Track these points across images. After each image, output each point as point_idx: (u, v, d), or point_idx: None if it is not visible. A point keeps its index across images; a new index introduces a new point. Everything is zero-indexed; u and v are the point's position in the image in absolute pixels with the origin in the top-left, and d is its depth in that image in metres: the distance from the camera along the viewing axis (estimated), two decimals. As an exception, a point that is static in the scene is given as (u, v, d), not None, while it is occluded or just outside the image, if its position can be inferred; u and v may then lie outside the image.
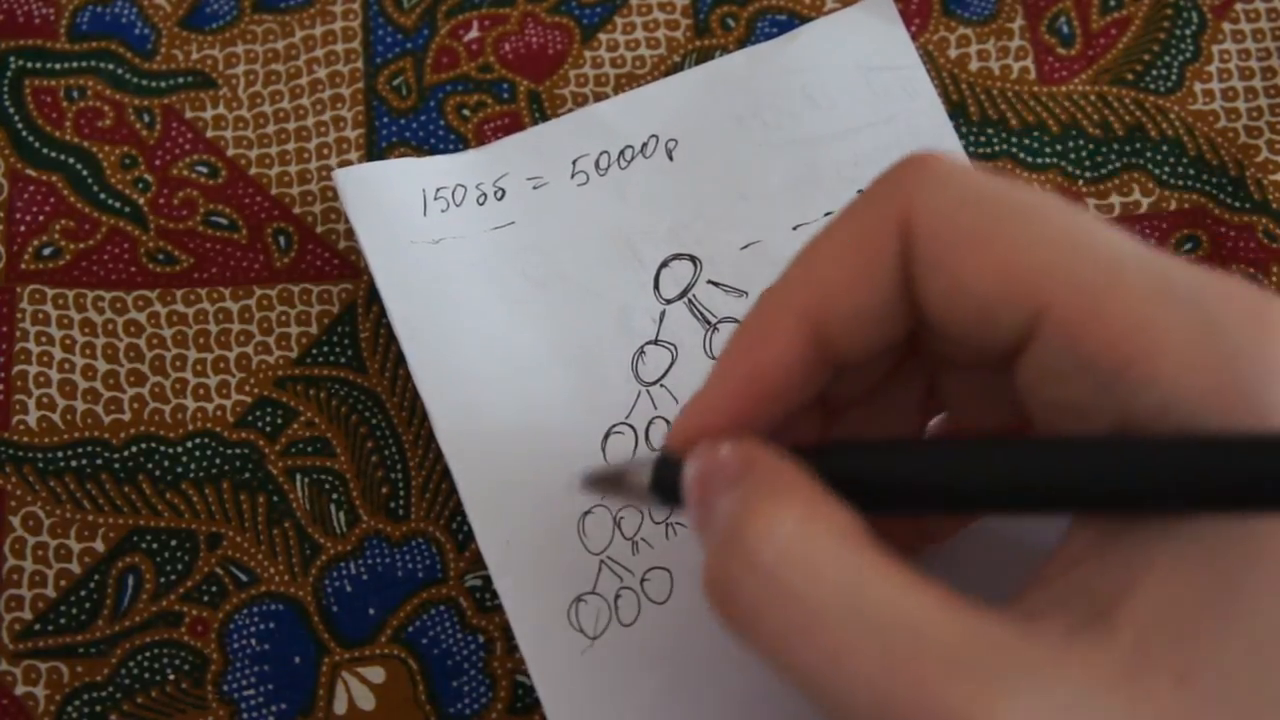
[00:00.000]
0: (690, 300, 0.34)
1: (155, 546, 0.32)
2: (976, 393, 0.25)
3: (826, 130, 0.35)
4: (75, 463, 0.33)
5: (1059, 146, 0.36)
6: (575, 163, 0.35)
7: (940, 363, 0.25)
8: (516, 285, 0.34)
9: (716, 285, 0.34)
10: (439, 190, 0.34)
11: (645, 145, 0.35)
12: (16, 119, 0.36)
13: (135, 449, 0.33)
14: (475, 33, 0.37)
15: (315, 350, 0.34)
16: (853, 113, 0.35)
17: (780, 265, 0.33)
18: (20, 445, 0.33)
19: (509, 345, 0.33)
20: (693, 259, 0.34)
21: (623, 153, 0.35)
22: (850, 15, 0.36)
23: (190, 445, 0.33)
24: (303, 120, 0.36)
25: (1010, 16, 0.37)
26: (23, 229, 0.35)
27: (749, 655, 0.21)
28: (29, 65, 0.36)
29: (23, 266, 0.34)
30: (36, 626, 0.32)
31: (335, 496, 0.33)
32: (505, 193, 0.34)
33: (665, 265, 0.34)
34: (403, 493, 0.33)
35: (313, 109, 0.36)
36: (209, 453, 0.33)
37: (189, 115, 0.36)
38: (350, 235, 0.35)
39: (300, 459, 0.33)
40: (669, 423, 0.33)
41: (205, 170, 0.36)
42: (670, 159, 0.35)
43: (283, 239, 0.35)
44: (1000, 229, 0.21)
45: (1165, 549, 0.19)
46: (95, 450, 0.33)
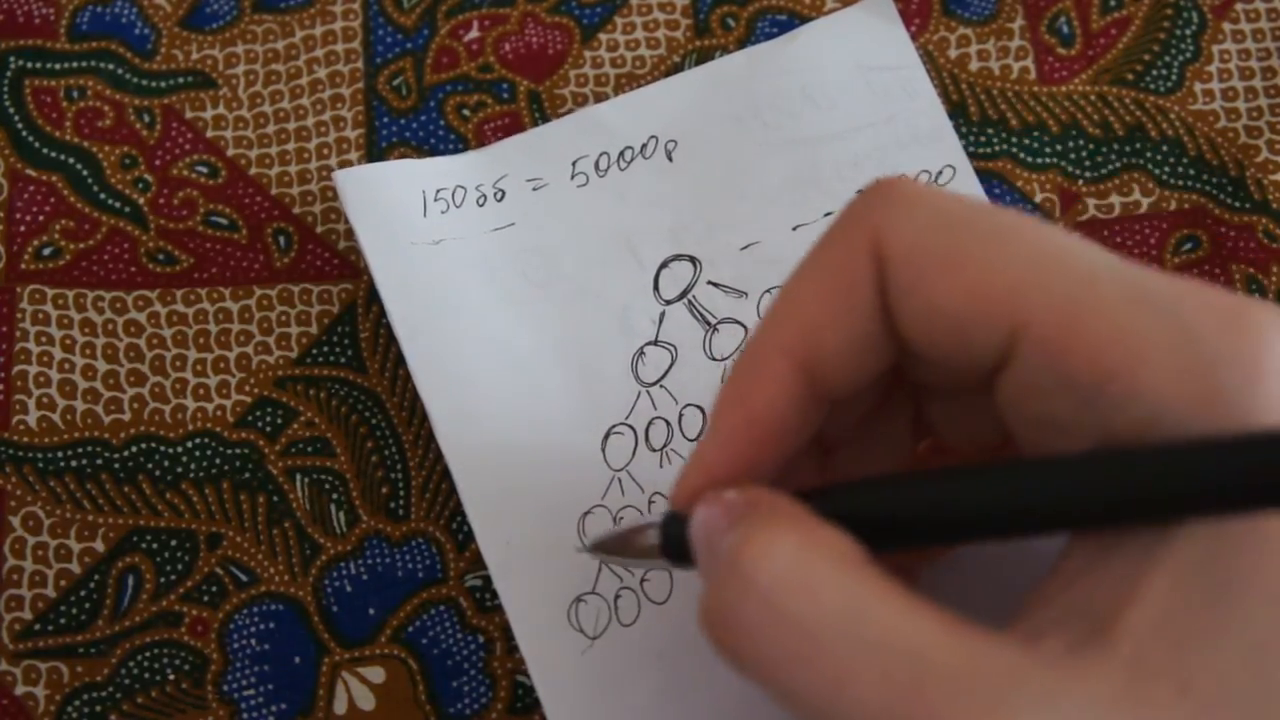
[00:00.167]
0: (690, 301, 0.34)
1: (155, 546, 0.32)
2: (962, 418, 0.25)
3: (826, 130, 0.35)
4: (75, 463, 0.33)
5: (1059, 146, 0.36)
6: (575, 164, 0.35)
7: (925, 391, 0.25)
8: (516, 286, 0.34)
9: (716, 286, 0.34)
10: (439, 191, 0.34)
11: (645, 146, 0.35)
12: (16, 119, 0.36)
13: (135, 449, 0.33)
14: (475, 33, 0.37)
15: (315, 350, 0.34)
16: (852, 113, 0.35)
17: (780, 265, 0.34)
18: (20, 445, 0.33)
19: (509, 346, 0.33)
20: (692, 260, 0.34)
21: (622, 154, 0.35)
22: (850, 15, 0.36)
23: (190, 445, 0.33)
24: (303, 120, 0.36)
25: (1010, 16, 0.37)
26: (23, 229, 0.35)
27: (749, 685, 0.21)
28: (29, 65, 0.36)
29: (23, 266, 0.35)
30: (36, 626, 0.32)
31: (335, 496, 0.33)
32: (505, 194, 0.34)
33: (665, 266, 0.34)
34: (403, 493, 0.33)
35: (313, 109, 0.36)
36: (209, 453, 0.33)
37: (189, 115, 0.36)
38: (350, 235, 0.35)
39: (300, 459, 0.33)
40: (668, 423, 0.33)
41: (205, 170, 0.36)
42: (670, 160, 0.35)
43: (283, 239, 0.35)
44: (971, 250, 0.21)
45: (1160, 560, 0.19)
46: (95, 450, 0.33)
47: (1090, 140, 0.36)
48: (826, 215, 0.34)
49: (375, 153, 0.36)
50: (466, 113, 0.36)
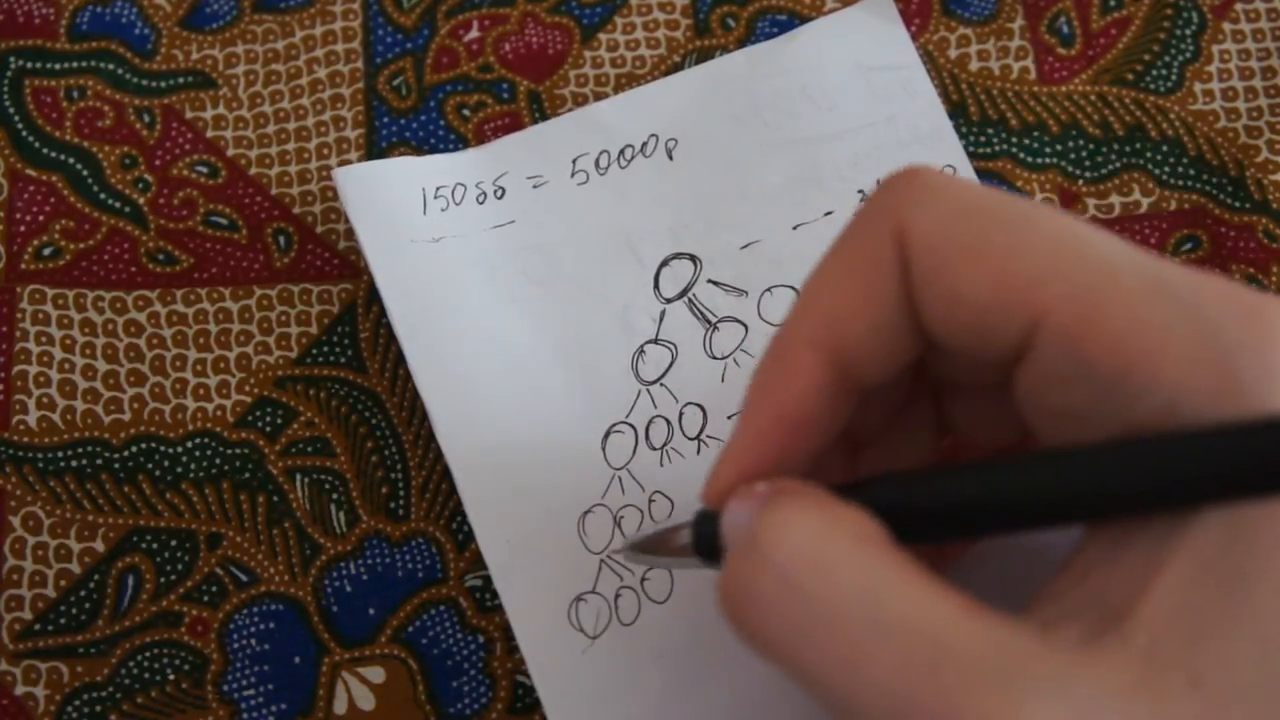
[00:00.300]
0: (690, 299, 0.34)
1: (155, 546, 0.32)
2: (983, 416, 0.25)
3: (826, 130, 0.35)
4: (75, 463, 0.33)
5: (1059, 146, 0.36)
6: (575, 162, 0.35)
7: (947, 389, 0.25)
8: (516, 284, 0.34)
9: (716, 285, 0.34)
10: (439, 189, 0.34)
11: (645, 144, 0.35)
12: (16, 119, 0.36)
13: (135, 449, 0.33)
14: (475, 33, 0.37)
15: (315, 350, 0.34)
16: (852, 113, 0.35)
17: (780, 264, 0.34)
18: (20, 445, 0.33)
19: (509, 344, 0.33)
20: (693, 258, 0.34)
21: (623, 152, 0.35)
22: (850, 15, 0.36)
23: (190, 445, 0.33)
24: (303, 120, 0.36)
25: (1010, 16, 0.37)
26: (23, 229, 0.35)
27: (763, 663, 0.21)
28: (29, 65, 0.36)
29: (23, 266, 0.34)
30: (36, 626, 0.32)
31: (335, 496, 0.33)
32: (505, 191, 0.34)
33: (665, 264, 0.34)
34: (403, 493, 0.33)
35: (313, 109, 0.36)
36: (209, 453, 0.33)
37: (189, 115, 0.36)
38: (350, 235, 0.35)
39: (300, 459, 0.33)
40: (669, 422, 0.33)
41: (205, 170, 0.36)
42: (670, 158, 0.35)
43: (283, 239, 0.35)
44: (993, 238, 0.21)
45: (1175, 551, 0.19)
46: (95, 450, 0.33)
47: (1090, 140, 0.36)
48: (827, 214, 0.34)
49: (375, 153, 0.36)
50: (466, 113, 0.36)
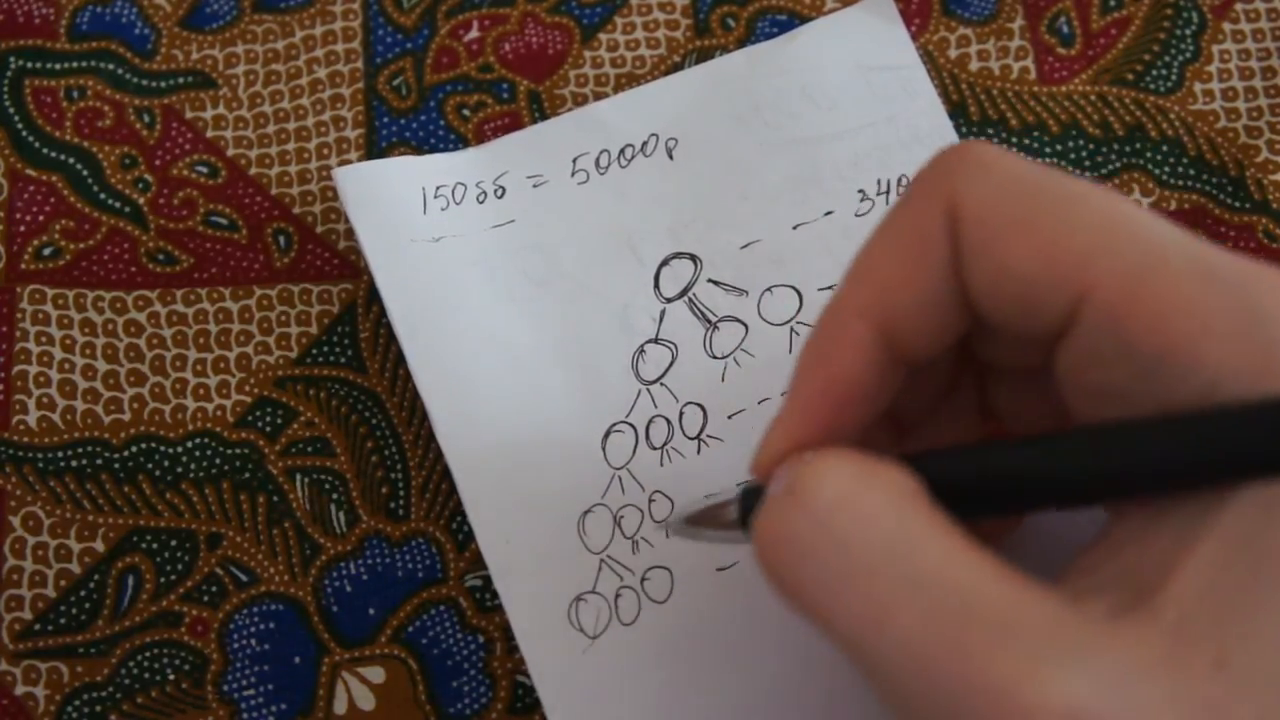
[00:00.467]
0: (690, 299, 0.34)
1: (155, 546, 0.32)
2: (1024, 401, 0.26)
3: (826, 130, 0.35)
4: (75, 463, 0.33)
5: (1059, 146, 0.36)
6: (575, 161, 0.35)
7: (990, 372, 0.26)
8: (516, 284, 0.34)
9: (717, 284, 0.34)
10: (439, 188, 0.34)
11: (645, 144, 0.35)
12: (16, 119, 0.36)
13: (135, 449, 0.33)
14: (475, 33, 0.37)
15: (315, 350, 0.34)
16: (853, 112, 0.35)
17: (781, 264, 0.34)
18: (20, 445, 0.33)
19: (509, 344, 0.33)
20: (693, 258, 0.34)
21: (623, 151, 0.35)
22: (850, 15, 0.36)
23: (190, 445, 0.33)
24: (303, 120, 0.36)
25: (1010, 16, 0.37)
26: (23, 229, 0.35)
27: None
28: (29, 65, 0.36)
29: (23, 266, 0.34)
30: (36, 626, 0.32)
31: (335, 496, 0.33)
32: (505, 191, 0.34)
33: (665, 264, 0.34)
34: (403, 493, 0.33)
35: (313, 109, 0.36)
36: (209, 453, 0.33)
37: (189, 115, 0.36)
38: (350, 235, 0.35)
39: (300, 459, 0.33)
40: (669, 421, 0.33)
41: (205, 170, 0.36)
42: (670, 158, 0.35)
43: (283, 239, 0.35)
44: (1044, 213, 0.21)
45: (1207, 531, 0.19)
46: (95, 450, 0.33)
47: (1090, 140, 0.36)
48: (827, 214, 0.34)
49: (375, 153, 0.36)
50: (466, 113, 0.36)
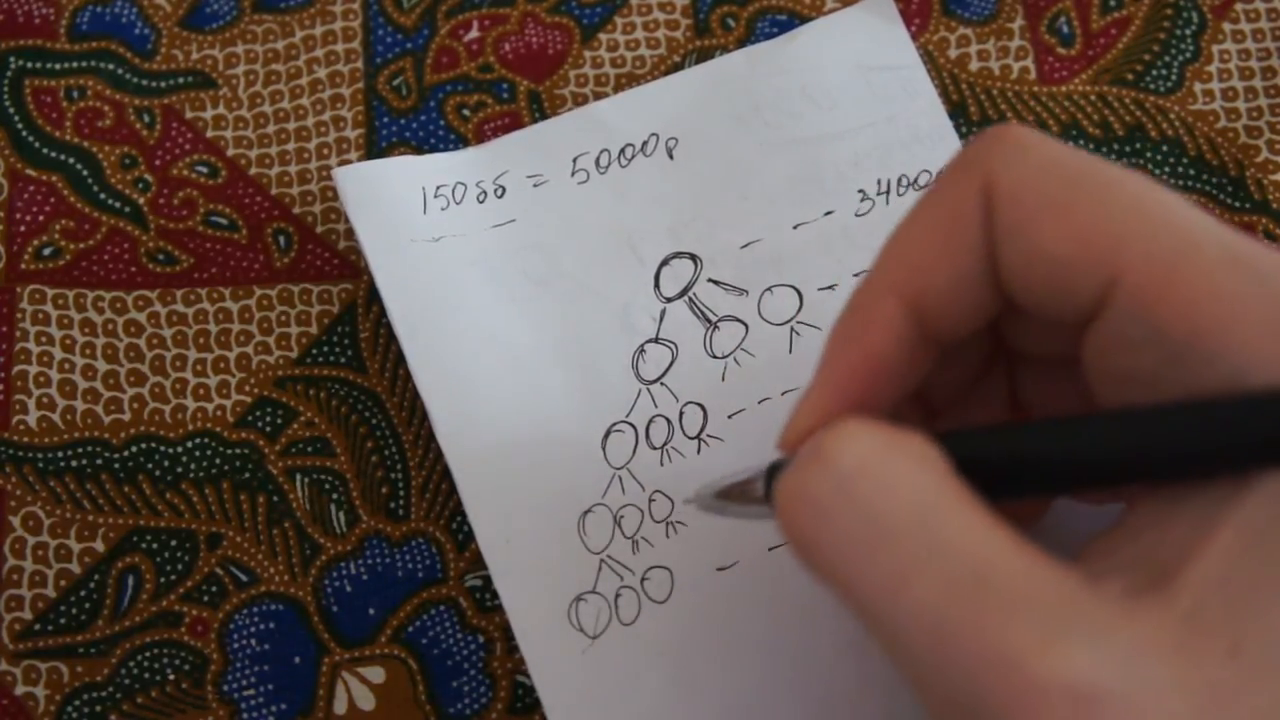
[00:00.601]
0: (691, 299, 0.34)
1: (155, 546, 0.32)
2: (1052, 389, 0.26)
3: (827, 130, 0.35)
4: (75, 463, 0.33)
5: (1059, 146, 0.36)
6: (576, 160, 0.35)
7: (1019, 360, 0.26)
8: (517, 283, 0.34)
9: (717, 284, 0.34)
10: (439, 188, 0.34)
11: (646, 144, 0.35)
12: (16, 119, 0.36)
13: (135, 449, 0.33)
14: (475, 33, 0.37)
15: (315, 350, 0.34)
16: (853, 112, 0.35)
17: (781, 264, 0.34)
18: (20, 445, 0.33)
19: (509, 343, 0.33)
20: (693, 257, 0.34)
21: (623, 151, 0.35)
22: (850, 15, 0.36)
23: (190, 445, 0.33)
24: (303, 120, 0.36)
25: (1010, 16, 0.37)
26: (23, 229, 0.35)
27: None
28: (29, 65, 0.36)
29: (23, 266, 0.34)
30: (36, 626, 0.32)
31: (335, 496, 0.33)
32: (505, 190, 0.34)
33: (665, 263, 0.34)
34: (403, 493, 0.33)
35: (313, 109, 0.36)
36: (209, 453, 0.33)
37: (189, 115, 0.36)
38: (350, 235, 0.35)
39: (300, 459, 0.33)
40: (669, 421, 0.33)
41: (205, 170, 0.36)
42: (671, 158, 0.35)
43: (283, 239, 0.35)
44: (1079, 196, 0.21)
45: (1226, 519, 0.19)
46: (95, 450, 0.33)
47: (1090, 140, 0.36)
48: (827, 214, 0.34)
49: (375, 153, 0.36)
50: (466, 113, 0.36)
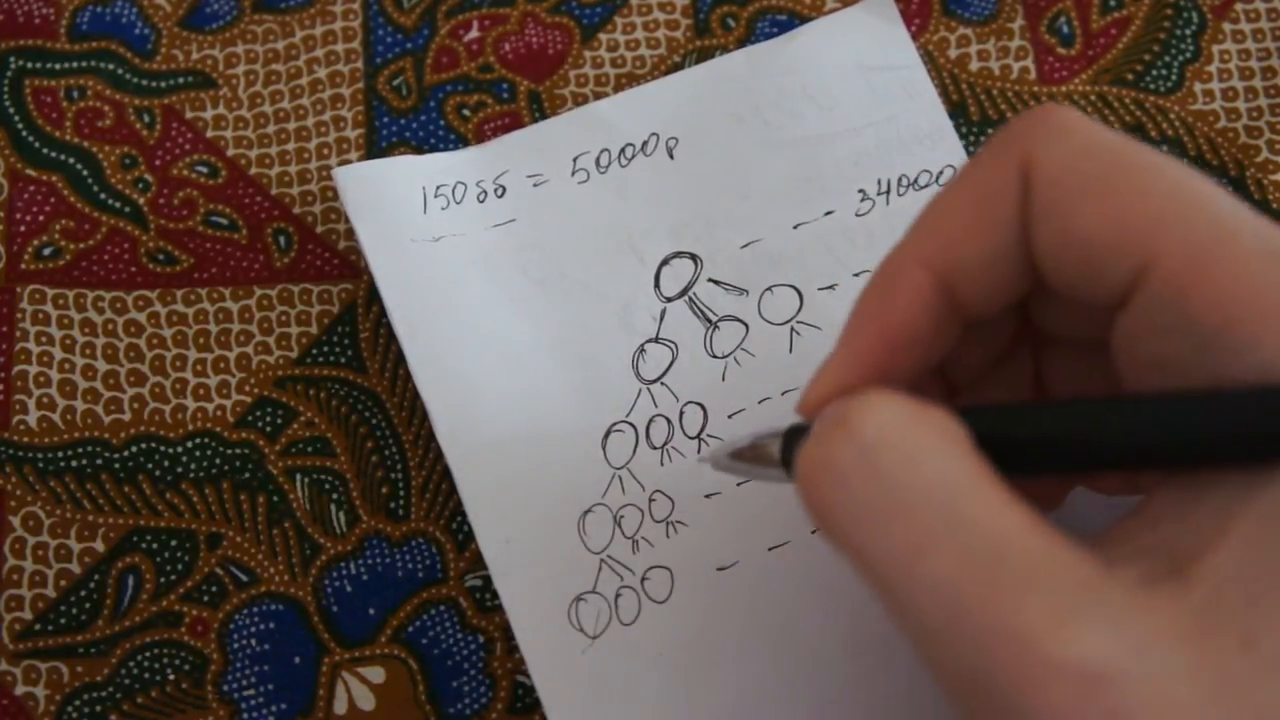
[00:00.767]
0: (691, 298, 0.34)
1: (155, 546, 0.32)
2: (1079, 374, 0.26)
3: (827, 130, 0.35)
4: (75, 463, 0.33)
5: (1059, 146, 0.36)
6: (576, 160, 0.35)
7: (1046, 343, 0.26)
8: (517, 283, 0.34)
9: (717, 283, 0.34)
10: (439, 188, 0.34)
11: (646, 143, 0.35)
12: (16, 119, 0.36)
13: (135, 449, 0.33)
14: (475, 33, 0.37)
15: (315, 350, 0.34)
16: (853, 112, 0.35)
17: (781, 263, 0.34)
18: (20, 445, 0.33)
19: (509, 343, 0.33)
20: (693, 257, 0.34)
21: (623, 150, 0.35)
22: (850, 15, 0.36)
23: (190, 445, 0.33)
24: (303, 120, 0.36)
25: (1010, 16, 0.37)
26: (23, 229, 0.35)
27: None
28: (29, 65, 0.36)
29: (23, 266, 0.34)
30: (36, 626, 0.32)
31: (335, 496, 0.33)
32: (506, 190, 0.34)
33: (666, 263, 0.34)
34: (403, 493, 0.33)
35: (313, 109, 0.36)
36: (209, 453, 0.33)
37: (189, 115, 0.36)
38: (350, 235, 0.35)
39: (300, 459, 0.33)
40: (669, 421, 0.33)
41: (205, 170, 0.36)
42: (671, 157, 0.35)
43: (283, 239, 0.35)
44: (1117, 179, 0.21)
45: (1246, 511, 0.19)
46: (95, 450, 0.33)
47: (1090, 140, 0.36)
48: (827, 214, 0.34)
49: (375, 152, 0.36)
50: (466, 113, 0.36)
